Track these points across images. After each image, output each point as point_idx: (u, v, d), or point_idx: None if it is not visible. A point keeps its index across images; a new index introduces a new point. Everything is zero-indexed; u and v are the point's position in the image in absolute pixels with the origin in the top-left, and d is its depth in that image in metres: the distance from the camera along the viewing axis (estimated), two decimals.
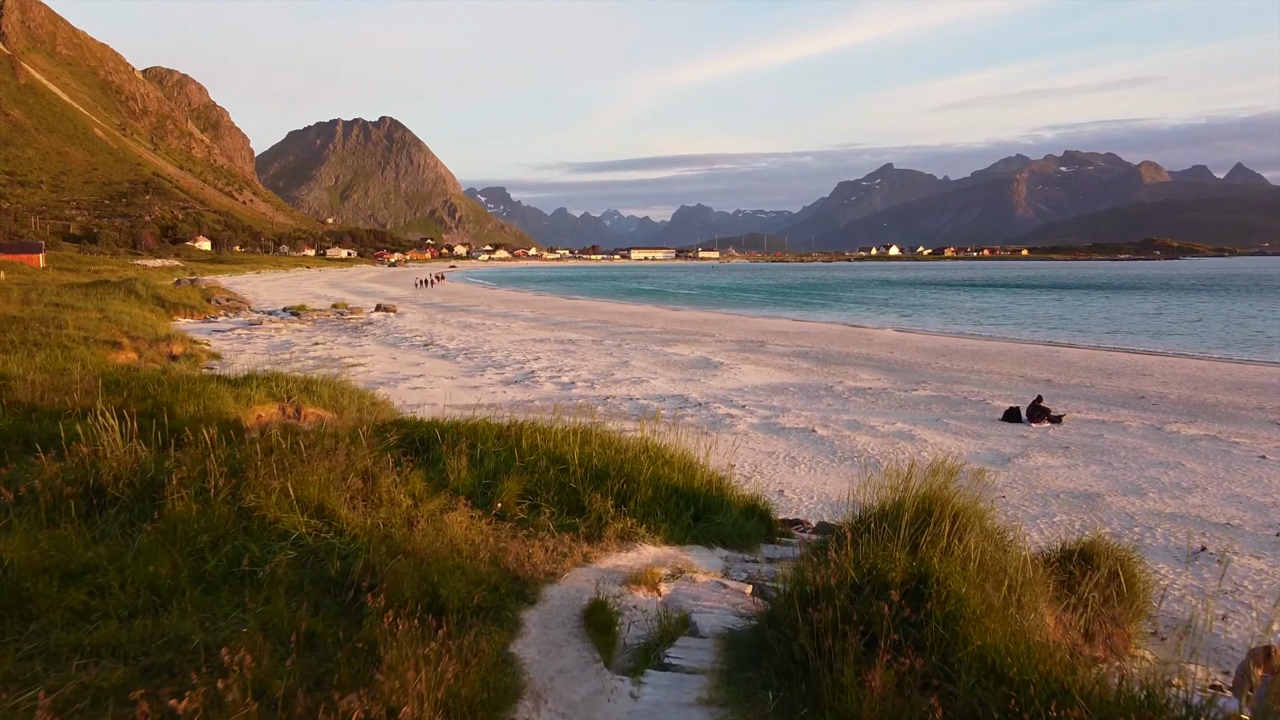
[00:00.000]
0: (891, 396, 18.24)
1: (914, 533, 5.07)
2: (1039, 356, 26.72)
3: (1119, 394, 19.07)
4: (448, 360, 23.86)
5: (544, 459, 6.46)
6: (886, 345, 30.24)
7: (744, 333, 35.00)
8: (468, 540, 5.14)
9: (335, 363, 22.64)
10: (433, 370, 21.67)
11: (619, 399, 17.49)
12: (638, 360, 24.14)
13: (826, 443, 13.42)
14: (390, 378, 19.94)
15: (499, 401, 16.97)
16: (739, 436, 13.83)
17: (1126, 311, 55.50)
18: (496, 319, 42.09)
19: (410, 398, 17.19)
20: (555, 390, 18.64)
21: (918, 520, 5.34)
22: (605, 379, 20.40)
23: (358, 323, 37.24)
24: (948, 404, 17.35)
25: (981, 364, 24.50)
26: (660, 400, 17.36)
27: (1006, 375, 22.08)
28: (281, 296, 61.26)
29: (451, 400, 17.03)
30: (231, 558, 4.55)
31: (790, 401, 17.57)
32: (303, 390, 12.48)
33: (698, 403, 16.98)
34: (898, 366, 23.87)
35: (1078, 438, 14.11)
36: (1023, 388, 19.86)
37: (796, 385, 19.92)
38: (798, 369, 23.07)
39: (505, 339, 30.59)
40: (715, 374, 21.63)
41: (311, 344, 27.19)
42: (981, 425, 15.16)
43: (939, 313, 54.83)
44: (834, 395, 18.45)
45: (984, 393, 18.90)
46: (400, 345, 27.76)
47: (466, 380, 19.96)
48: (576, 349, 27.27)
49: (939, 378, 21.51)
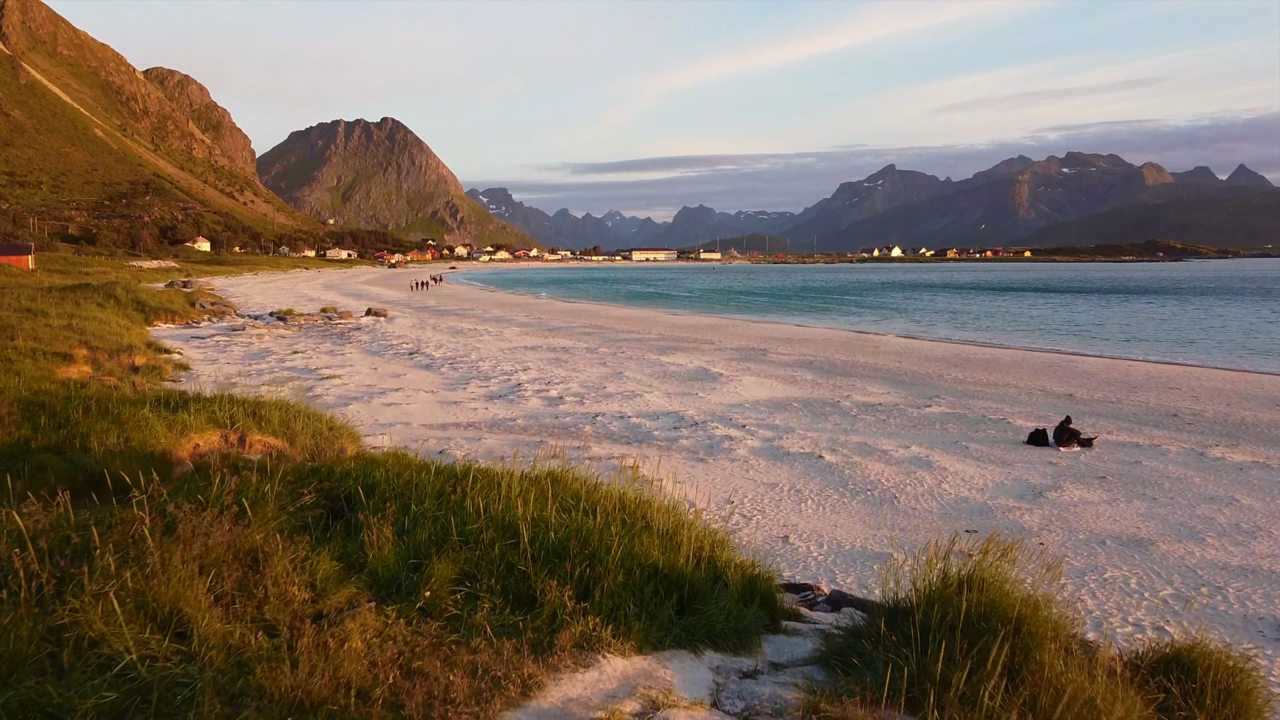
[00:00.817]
0: (903, 414, 16.90)
1: (967, 661, 3.74)
2: (1055, 367, 25.35)
3: (1149, 411, 17.70)
4: (431, 371, 22.55)
5: (490, 528, 5.14)
6: (894, 354, 28.89)
7: (745, 340, 33.65)
8: (369, 661, 3.81)
9: (312, 374, 21.34)
10: (414, 383, 20.35)
11: (609, 417, 16.16)
12: (632, 371, 22.81)
13: (835, 471, 12.08)
14: (365, 392, 18.61)
15: (479, 420, 15.66)
16: (738, 464, 12.50)
17: (1141, 317, 54.08)
18: (490, 324, 40.77)
19: (383, 415, 15.86)
20: (541, 406, 17.31)
21: (968, 631, 4.01)
22: (596, 393, 19.08)
23: (345, 328, 35.94)
24: (965, 423, 16.00)
25: (996, 375, 23.14)
26: (654, 419, 16.02)
27: (1024, 389, 20.72)
28: (273, 299, 60.03)
29: (427, 419, 15.73)
30: (14, 713, 3.22)
31: (794, 419, 16.24)
32: (249, 414, 11.16)
33: (694, 421, 15.64)
34: (908, 378, 22.53)
35: (1113, 465, 12.76)
36: (1044, 404, 18.51)
37: (800, 400, 18.58)
38: (802, 381, 21.74)
39: (495, 346, 29.27)
40: (714, 387, 20.30)
41: (291, 352, 25.89)
42: (1005, 449, 13.81)
43: (947, 318, 53.49)
44: (841, 412, 17.11)
45: (1003, 409, 17.55)
46: (384, 354, 26.45)
47: (448, 395, 18.63)
48: (569, 358, 25.95)
49: (953, 392, 20.15)
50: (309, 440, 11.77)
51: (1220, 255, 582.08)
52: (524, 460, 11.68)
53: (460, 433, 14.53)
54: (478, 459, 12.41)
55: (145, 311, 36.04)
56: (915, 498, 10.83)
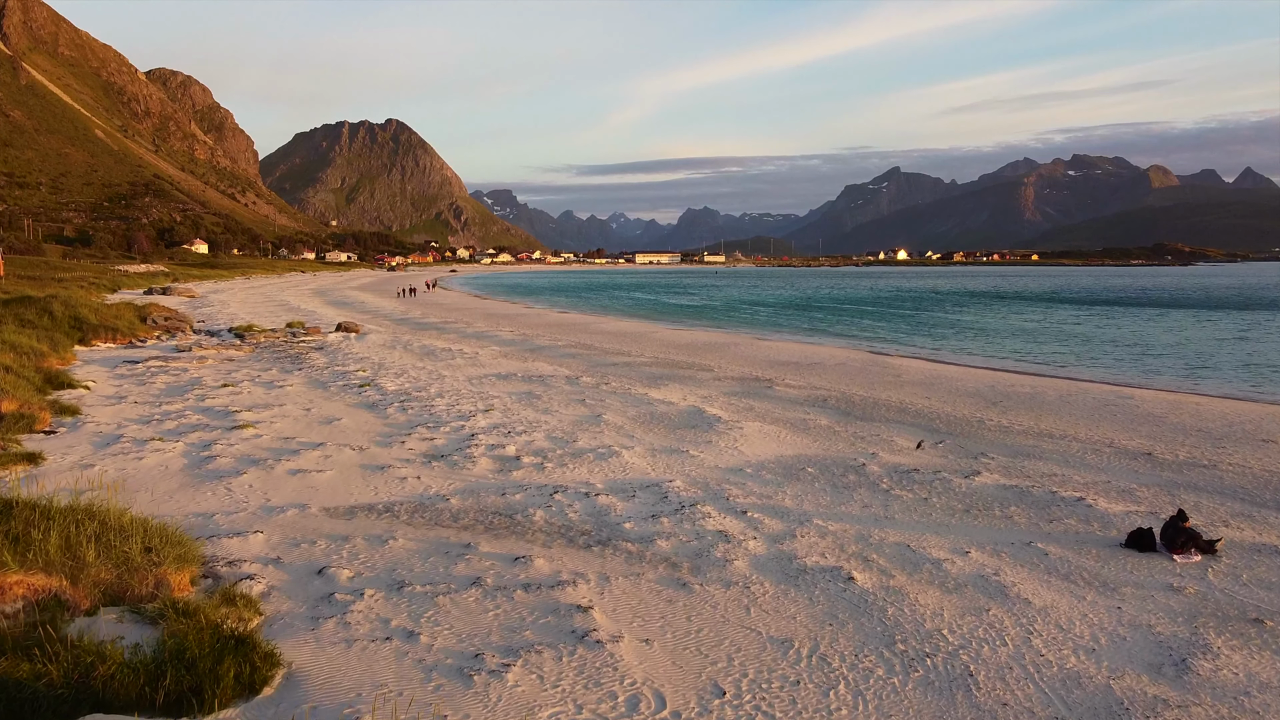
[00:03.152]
0: (948, 487, 13.26)
1: None
2: (1113, 407, 21.64)
3: (1256, 480, 14.01)
4: (375, 413, 18.97)
5: None
6: (920, 386, 25.22)
7: (748, 365, 30.03)
8: None
9: (227, 419, 17.78)
10: (345, 432, 16.78)
11: (572, 491, 12.57)
12: (614, 414, 19.20)
13: (873, 609, 8.47)
14: (277, 450, 15.03)
15: (401, 499, 12.06)
16: (735, 592, 8.89)
17: (1188, 334, 49.04)
18: (468, 342, 37.21)
19: (280, 491, 12.28)
20: (490, 472, 13.73)
21: None
22: (564, 449, 15.49)
23: (305, 348, 32.41)
24: (1031, 504, 12.36)
25: (1047, 421, 19.47)
26: (629, 495, 12.42)
27: (1088, 443, 17.05)
28: (248, 309, 56.62)
29: (334, 497, 12.14)
30: None
31: (810, 497, 12.62)
32: (11, 540, 7.59)
33: (679, 504, 12.03)
34: (942, 423, 18.89)
35: (1261, 593, 9.12)
36: (1120, 468, 14.85)
37: (816, 460, 14.96)
38: (815, 428, 18.13)
39: (464, 374, 25.70)
40: (709, 439, 16.69)
41: (221, 385, 22.33)
42: (1098, 558, 10.17)
43: (971, 335, 49.63)
44: (868, 482, 13.48)
45: (1073, 479, 13.90)
46: (331, 385, 22.89)
47: (379, 452, 15.05)
48: (544, 392, 22.37)
49: (1002, 447, 16.50)
50: (108, 571, 8.19)
51: (1230, 259, 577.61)
52: (429, 588, 8.10)
53: (368, 524, 10.94)
54: (363, 589, 8.77)
55: (84, 329, 32.56)
56: (999, 673, 7.21)
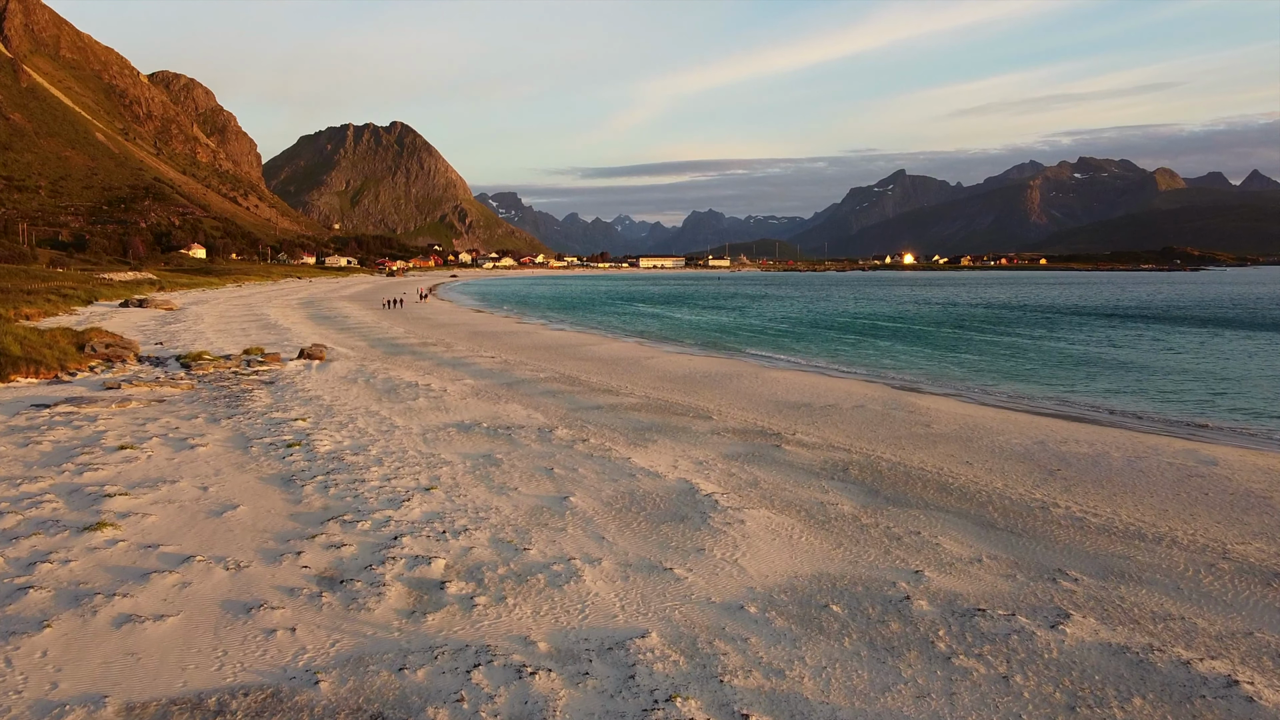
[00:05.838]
0: (1032, 651, 9.40)
1: None
2: (1200, 480, 17.70)
3: None
4: (287, 492, 15.18)
5: None
6: (956, 442, 21.35)
7: (752, 406, 26.17)
8: None
9: (90, 507, 13.99)
10: (234, 530, 12.98)
11: (500, 664, 8.74)
12: (583, 496, 15.38)
13: None
14: (119, 573, 11.21)
15: (249, 682, 8.21)
16: None
17: (1250, 362, 43.20)
18: (441, 372, 33.44)
19: (74, 668, 8.46)
20: (397, 613, 9.91)
21: None
22: (510, 563, 11.68)
23: (254, 383, 28.70)
24: (1161, 690, 8.49)
25: (1126, 506, 15.57)
26: (580, 671, 8.60)
27: (1192, 547, 13.16)
28: (219, 328, 53.01)
29: (155, 678, 8.32)
30: None
31: (838, 676, 8.79)
32: None
33: (651, 693, 8.20)
34: (998, 514, 15.03)
35: None
36: (1256, 602, 10.98)
37: (843, 587, 11.13)
38: (836, 518, 14.30)
39: (420, 424, 21.93)
40: (701, 541, 12.88)
41: (119, 447, 18.54)
42: None
43: (1003, 357, 45.46)
44: (918, 639, 9.64)
45: (1198, 624, 10.04)
46: (254, 445, 19.12)
47: (260, 572, 11.24)
48: (506, 454, 18.57)
49: (1083, 557, 12.63)
50: None
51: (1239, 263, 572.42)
52: None
53: None
54: None
55: (6, 360, 28.89)
56: None
